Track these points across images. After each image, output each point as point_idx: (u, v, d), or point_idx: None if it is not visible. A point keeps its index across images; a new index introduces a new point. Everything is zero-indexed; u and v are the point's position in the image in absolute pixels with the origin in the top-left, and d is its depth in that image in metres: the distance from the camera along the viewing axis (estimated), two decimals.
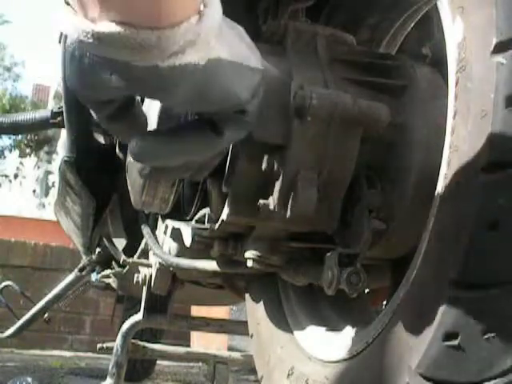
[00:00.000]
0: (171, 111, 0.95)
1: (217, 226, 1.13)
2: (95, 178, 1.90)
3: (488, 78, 0.72)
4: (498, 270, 0.68)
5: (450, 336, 0.71)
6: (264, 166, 1.02)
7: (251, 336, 1.35)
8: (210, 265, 1.29)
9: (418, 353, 0.75)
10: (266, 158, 1.01)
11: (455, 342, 0.70)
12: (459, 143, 0.76)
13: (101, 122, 0.72)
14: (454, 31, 0.80)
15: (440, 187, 0.80)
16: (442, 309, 0.72)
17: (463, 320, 0.70)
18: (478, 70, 0.74)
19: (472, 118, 0.74)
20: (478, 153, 0.72)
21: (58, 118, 2.01)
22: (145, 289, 1.74)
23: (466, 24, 0.78)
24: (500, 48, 0.72)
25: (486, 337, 0.68)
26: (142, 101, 1.26)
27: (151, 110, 1.03)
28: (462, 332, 0.70)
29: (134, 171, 1.26)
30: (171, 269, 1.51)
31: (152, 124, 1.02)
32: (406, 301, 0.82)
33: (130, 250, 1.84)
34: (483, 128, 0.72)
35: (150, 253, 1.60)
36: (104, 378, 1.97)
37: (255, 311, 1.34)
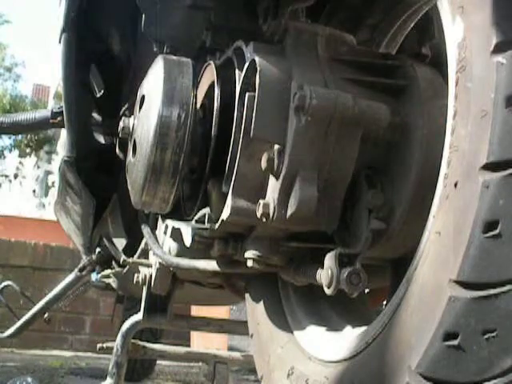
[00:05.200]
0: None
1: (217, 225, 1.13)
2: (95, 177, 1.90)
3: (488, 78, 0.72)
4: (497, 269, 0.68)
5: (449, 336, 0.71)
6: (264, 165, 1.02)
7: (251, 336, 1.35)
8: (210, 265, 1.29)
9: (418, 353, 0.75)
10: (265, 157, 1.01)
11: (455, 342, 0.70)
12: (459, 143, 0.76)
13: None
14: (454, 31, 0.80)
15: (440, 187, 0.80)
16: (441, 309, 0.72)
17: (463, 320, 0.70)
18: (478, 70, 0.74)
19: (472, 118, 0.74)
20: (477, 153, 0.72)
21: (58, 118, 2.01)
22: (145, 289, 1.73)
23: (466, 24, 0.78)
24: (500, 48, 0.72)
25: (485, 337, 0.68)
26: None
27: None
28: (461, 332, 0.70)
29: (133, 171, 1.26)
30: (171, 269, 1.51)
31: None
32: (406, 301, 0.82)
33: (130, 250, 1.84)
34: (483, 128, 0.72)
35: (150, 253, 1.60)
36: (104, 377, 1.97)
37: (255, 311, 1.34)
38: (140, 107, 1.26)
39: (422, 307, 0.77)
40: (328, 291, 0.98)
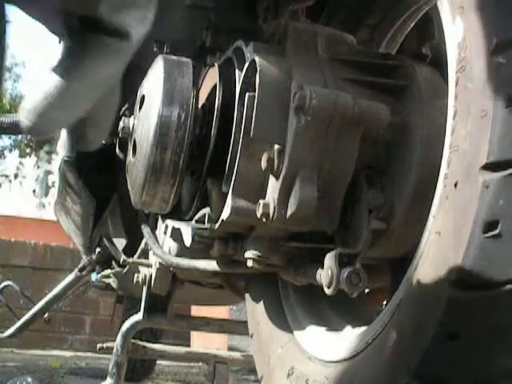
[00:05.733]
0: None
1: (217, 226, 1.13)
2: (95, 177, 1.89)
3: (488, 78, 0.72)
4: (497, 269, 0.68)
5: (450, 336, 0.71)
6: (264, 165, 1.02)
7: (251, 336, 1.35)
8: (210, 265, 1.29)
9: (418, 353, 0.75)
10: (265, 157, 1.01)
11: (456, 342, 0.70)
12: (459, 143, 0.76)
13: None
14: (454, 31, 0.80)
15: (440, 187, 0.80)
16: (441, 309, 0.72)
17: (463, 320, 0.70)
18: (478, 69, 0.74)
19: (472, 118, 0.74)
20: (477, 153, 0.72)
21: None
22: (145, 289, 1.73)
23: (466, 24, 0.78)
24: (500, 48, 0.72)
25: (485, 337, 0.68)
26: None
27: None
28: (461, 332, 0.70)
29: (133, 171, 1.26)
30: (171, 269, 1.51)
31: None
32: (406, 301, 0.82)
33: (130, 250, 1.83)
34: (483, 128, 0.72)
35: (150, 253, 1.60)
36: (104, 377, 1.97)
37: (255, 311, 1.34)
38: (140, 107, 1.26)
39: (423, 307, 0.77)
40: (328, 291, 0.98)
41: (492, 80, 0.71)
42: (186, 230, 1.24)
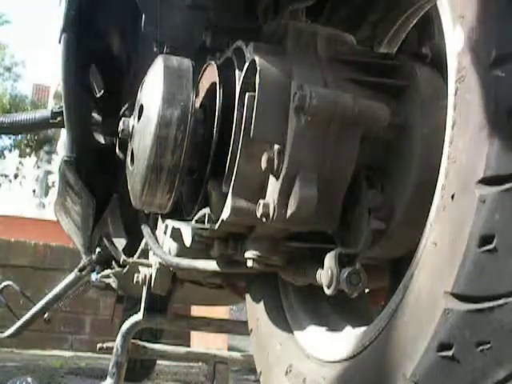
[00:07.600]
0: None
1: (217, 226, 1.13)
2: (95, 177, 1.90)
3: (487, 90, 0.71)
4: (492, 283, 0.68)
5: (444, 347, 0.71)
6: (264, 165, 1.02)
7: (250, 330, 1.35)
8: (210, 265, 1.29)
9: (413, 361, 0.75)
10: (265, 158, 1.01)
11: (449, 353, 0.70)
12: (457, 155, 0.75)
13: None
14: (454, 40, 0.79)
15: (437, 198, 0.79)
16: (436, 320, 0.72)
17: (457, 331, 0.70)
18: (477, 81, 0.73)
19: (470, 130, 0.73)
20: (475, 166, 0.71)
21: (58, 118, 2.01)
22: (145, 289, 1.73)
23: (466, 34, 0.77)
24: (499, 61, 0.71)
25: (479, 348, 0.68)
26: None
27: None
28: (455, 343, 0.70)
29: (134, 171, 1.26)
30: (171, 269, 1.51)
31: None
32: (402, 308, 0.82)
33: (130, 250, 1.83)
34: (481, 140, 0.71)
35: (150, 253, 1.60)
36: (104, 377, 1.97)
37: (255, 309, 1.34)
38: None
39: (418, 316, 0.77)
40: (328, 291, 0.98)
41: (491, 93, 0.70)
42: (186, 230, 1.24)
